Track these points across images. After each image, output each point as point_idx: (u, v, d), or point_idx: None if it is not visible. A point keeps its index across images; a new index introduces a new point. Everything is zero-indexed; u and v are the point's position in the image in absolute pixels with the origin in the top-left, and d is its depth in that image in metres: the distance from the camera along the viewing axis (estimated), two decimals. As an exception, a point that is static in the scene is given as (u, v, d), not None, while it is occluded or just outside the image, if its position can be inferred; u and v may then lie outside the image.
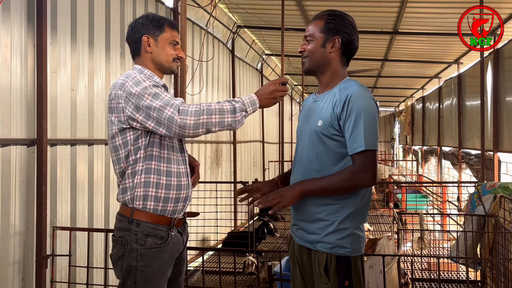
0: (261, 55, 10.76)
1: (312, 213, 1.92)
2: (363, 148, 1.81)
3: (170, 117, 1.84)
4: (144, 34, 2.05)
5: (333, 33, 1.94)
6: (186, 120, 1.83)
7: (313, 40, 1.97)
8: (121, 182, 2.01)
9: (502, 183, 4.80)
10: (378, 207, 10.38)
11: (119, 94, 1.94)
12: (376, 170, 1.84)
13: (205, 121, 1.85)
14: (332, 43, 1.95)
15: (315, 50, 1.96)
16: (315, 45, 1.96)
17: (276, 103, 2.01)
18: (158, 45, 2.06)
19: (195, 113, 1.84)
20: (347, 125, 1.84)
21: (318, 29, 1.97)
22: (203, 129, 1.86)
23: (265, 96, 1.96)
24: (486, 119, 7.07)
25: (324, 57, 1.97)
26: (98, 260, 4.17)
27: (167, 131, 1.87)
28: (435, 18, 7.26)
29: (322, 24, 1.96)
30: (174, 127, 1.84)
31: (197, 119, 1.84)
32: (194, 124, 1.83)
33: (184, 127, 1.83)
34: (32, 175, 3.49)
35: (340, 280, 1.85)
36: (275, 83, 1.97)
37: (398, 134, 21.71)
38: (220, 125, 1.87)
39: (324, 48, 1.96)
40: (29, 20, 3.48)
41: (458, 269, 5.54)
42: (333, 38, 1.95)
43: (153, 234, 1.95)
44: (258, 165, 10.80)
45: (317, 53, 1.97)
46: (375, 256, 3.89)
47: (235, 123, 1.89)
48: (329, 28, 1.95)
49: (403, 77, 12.76)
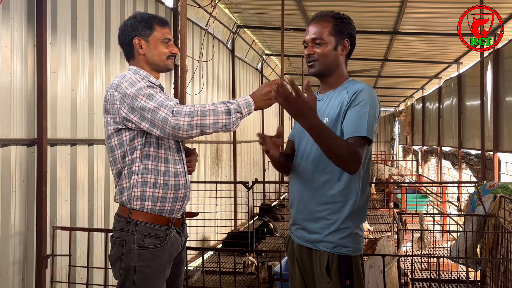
0: (261, 55, 10.76)
1: (313, 212, 1.92)
2: (365, 134, 1.79)
3: (164, 118, 1.83)
4: (134, 36, 2.03)
5: (344, 36, 1.95)
6: (179, 121, 1.82)
7: (323, 43, 1.94)
8: (118, 183, 2.01)
9: (502, 183, 4.79)
10: (378, 207, 10.38)
11: (114, 95, 1.94)
12: (362, 159, 1.78)
13: (199, 122, 1.84)
14: (342, 46, 1.96)
15: (328, 53, 1.95)
16: (328, 49, 1.94)
17: (271, 105, 2.00)
18: (150, 46, 2.04)
19: (189, 114, 1.83)
20: (351, 110, 1.83)
21: (327, 31, 1.95)
22: (197, 131, 1.85)
23: (261, 97, 1.95)
24: (486, 119, 7.07)
25: (336, 60, 1.97)
26: (98, 260, 4.17)
27: (161, 132, 1.87)
28: (435, 18, 7.26)
29: (330, 27, 1.95)
30: (167, 128, 1.83)
31: (191, 120, 1.83)
32: (187, 125, 1.83)
33: (177, 128, 1.83)
34: (32, 175, 3.49)
35: (341, 279, 1.85)
36: (270, 85, 1.95)
37: (398, 134, 21.72)
38: (214, 127, 1.86)
39: (336, 51, 1.96)
40: (29, 20, 3.48)
41: (458, 269, 5.54)
42: (343, 41, 1.96)
43: (151, 234, 1.95)
44: (258, 165, 10.80)
45: (330, 56, 1.95)
46: (375, 256, 3.89)
47: (230, 124, 1.88)
48: (339, 31, 1.94)
49: (403, 77, 12.76)
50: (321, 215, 1.90)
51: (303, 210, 1.96)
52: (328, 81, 2.02)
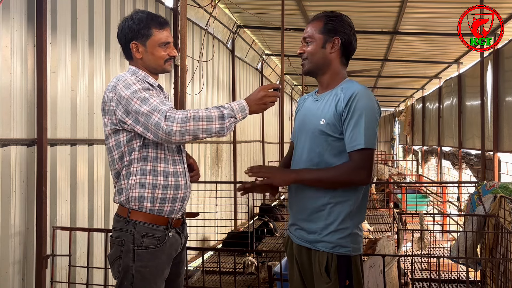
0: (261, 55, 10.76)
1: (312, 212, 1.92)
2: (363, 146, 1.81)
3: (157, 123, 1.83)
4: (132, 40, 2.02)
5: (333, 34, 1.95)
6: (172, 127, 1.81)
7: (312, 42, 1.97)
8: (117, 184, 2.02)
9: (502, 183, 4.79)
10: (378, 207, 10.38)
11: (111, 96, 1.94)
12: (371, 169, 1.84)
13: (192, 127, 1.83)
14: (332, 44, 1.95)
15: (315, 51, 1.96)
16: (315, 47, 1.96)
17: (266, 109, 1.99)
18: (147, 50, 2.03)
19: (181, 120, 1.82)
20: (348, 123, 1.84)
21: (317, 30, 1.96)
22: (189, 136, 1.84)
23: (255, 101, 1.94)
24: (486, 119, 7.07)
25: (325, 58, 1.97)
26: (98, 260, 4.17)
27: (154, 136, 1.87)
28: (435, 18, 7.26)
29: (321, 25, 1.96)
30: (160, 133, 1.83)
31: (183, 126, 1.82)
32: (180, 130, 1.82)
33: (170, 134, 1.82)
34: (32, 175, 3.49)
35: (341, 279, 1.85)
36: (265, 89, 1.95)
37: (398, 134, 21.72)
38: (207, 132, 1.86)
39: (324, 49, 1.96)
40: (29, 20, 3.48)
41: (458, 269, 5.54)
42: (333, 38, 1.95)
43: (150, 234, 1.95)
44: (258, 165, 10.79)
45: (317, 55, 1.97)
46: (375, 256, 3.89)
47: (223, 129, 1.88)
48: (329, 29, 1.95)
49: (403, 77, 12.76)
50: (320, 215, 1.90)
51: (302, 210, 1.96)
52: (322, 80, 2.02)
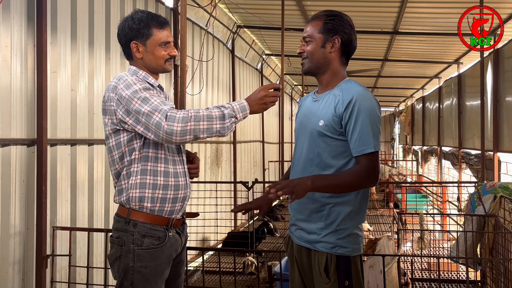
0: (261, 55, 10.75)
1: (312, 213, 1.92)
2: (372, 150, 1.81)
3: (158, 123, 1.83)
4: (131, 40, 2.02)
5: (333, 33, 1.94)
6: (173, 127, 1.82)
7: (312, 41, 1.97)
8: (117, 184, 2.01)
9: (502, 183, 4.79)
10: (378, 207, 10.38)
11: (111, 96, 1.94)
12: (379, 171, 1.85)
13: (192, 127, 1.83)
14: (332, 43, 1.95)
15: (315, 51, 1.96)
16: (315, 46, 1.96)
17: (267, 109, 1.99)
18: (147, 50, 2.03)
19: (182, 120, 1.82)
20: (351, 126, 1.84)
21: (317, 29, 1.96)
22: (190, 136, 1.84)
23: (256, 101, 1.94)
24: (486, 119, 7.06)
25: (324, 58, 1.96)
26: (98, 260, 4.17)
27: (155, 136, 1.87)
28: (435, 18, 7.25)
29: (320, 25, 1.96)
30: (161, 133, 1.83)
31: (184, 126, 1.82)
32: (181, 130, 1.82)
33: (171, 134, 1.82)
34: (32, 175, 3.49)
35: (340, 280, 1.85)
36: (266, 89, 1.95)
37: (398, 134, 21.69)
38: (208, 132, 1.86)
39: (324, 48, 1.96)
40: (29, 20, 3.48)
41: (458, 269, 5.54)
42: (333, 38, 1.94)
43: (150, 234, 1.95)
44: (258, 165, 10.79)
45: (317, 54, 1.96)
46: (375, 256, 3.89)
47: (224, 129, 1.88)
48: (328, 28, 1.94)
49: (403, 77, 12.75)
50: (320, 215, 1.90)
51: (302, 210, 1.96)
52: (322, 80, 2.02)
